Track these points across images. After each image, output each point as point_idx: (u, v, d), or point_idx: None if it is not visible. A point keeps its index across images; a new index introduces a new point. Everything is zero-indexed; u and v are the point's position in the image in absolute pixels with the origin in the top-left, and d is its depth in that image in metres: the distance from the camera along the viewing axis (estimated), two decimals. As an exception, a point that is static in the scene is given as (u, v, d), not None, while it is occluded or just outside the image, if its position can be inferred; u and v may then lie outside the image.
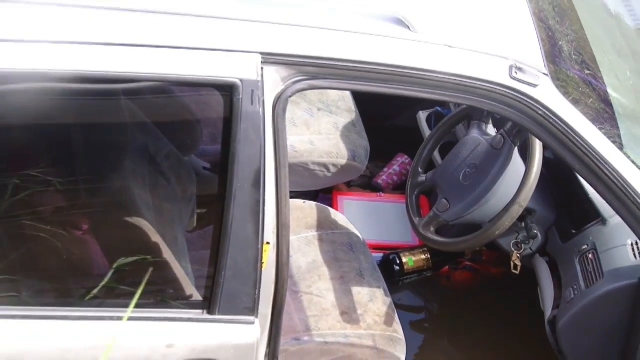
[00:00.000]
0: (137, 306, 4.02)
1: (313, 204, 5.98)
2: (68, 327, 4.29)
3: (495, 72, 4.40)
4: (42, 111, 4.28)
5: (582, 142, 4.57)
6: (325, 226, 5.89)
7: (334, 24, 4.33)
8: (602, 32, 5.60)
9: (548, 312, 5.58)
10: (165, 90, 4.44)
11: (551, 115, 4.53)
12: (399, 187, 6.49)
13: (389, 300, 5.61)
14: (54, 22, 4.02)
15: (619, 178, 4.66)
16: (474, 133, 5.75)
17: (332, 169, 6.25)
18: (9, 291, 4.37)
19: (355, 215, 6.13)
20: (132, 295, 4.03)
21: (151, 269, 4.41)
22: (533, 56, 4.64)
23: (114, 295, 4.44)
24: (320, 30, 4.29)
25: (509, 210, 5.28)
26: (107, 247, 4.58)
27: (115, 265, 4.39)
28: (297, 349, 5.30)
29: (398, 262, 6.09)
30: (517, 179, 5.30)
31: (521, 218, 5.42)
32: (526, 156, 5.33)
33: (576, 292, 5.39)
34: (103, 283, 4.33)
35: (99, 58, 4.06)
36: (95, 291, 4.32)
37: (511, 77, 4.42)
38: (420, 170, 5.90)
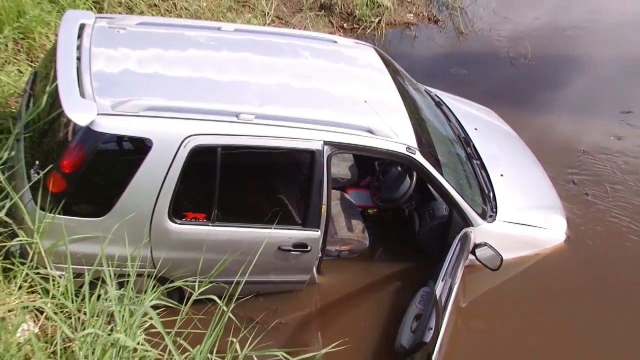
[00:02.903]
0: (279, 224, 4.68)
1: (339, 192, 5.87)
2: (257, 230, 4.71)
3: (401, 149, 4.88)
4: (261, 162, 4.85)
5: (430, 173, 5.03)
6: (342, 199, 5.83)
7: (346, 131, 4.74)
8: (435, 136, 5.50)
9: (417, 229, 5.74)
10: (292, 153, 4.70)
11: (420, 164, 4.97)
12: (367, 187, 6.15)
13: (363, 225, 5.67)
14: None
15: (441, 184, 5.09)
16: (394, 169, 5.90)
17: (345, 180, 6.02)
18: (237, 217, 4.71)
19: (352, 196, 5.96)
20: (278, 220, 4.67)
21: (282, 212, 4.79)
22: (413, 143, 4.96)
23: (271, 221, 4.67)
24: (342, 134, 4.71)
25: (405, 195, 5.62)
26: (269, 204, 4.87)
27: (272, 210, 4.75)
28: (332, 241, 5.40)
29: (367, 212, 6.00)
30: (407, 186, 5.64)
31: (408, 198, 5.68)
32: (411, 177, 5.65)
33: (426, 223, 5.65)
34: (267, 217, 4.71)
35: (279, 144, 4.56)
36: (265, 219, 4.71)
37: (406, 150, 4.89)
38: (375, 181, 6.04)
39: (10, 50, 5.73)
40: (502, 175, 5.84)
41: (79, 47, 4.62)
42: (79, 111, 4.18)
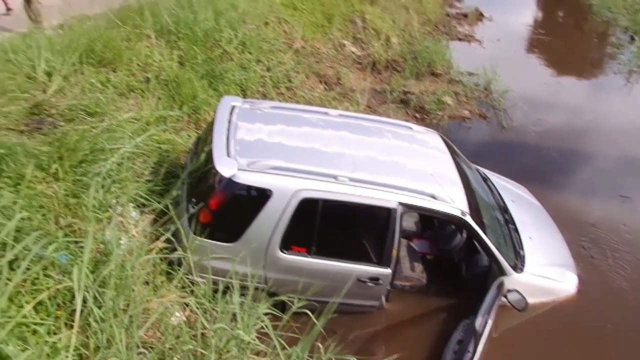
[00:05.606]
0: (359, 261, 4.47)
1: (405, 240, 5.42)
2: (343, 264, 4.58)
3: (456, 212, 4.66)
4: (350, 213, 4.63)
5: (477, 232, 4.73)
6: (408, 246, 5.43)
7: (416, 196, 4.53)
8: (482, 204, 5.11)
9: (463, 274, 5.43)
10: (374, 208, 4.50)
11: (470, 225, 4.74)
12: (427, 238, 5.64)
13: (422, 267, 5.33)
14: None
15: (484, 241, 4.76)
16: (448, 226, 5.42)
17: (411, 231, 5.57)
18: (329, 253, 4.58)
19: (416, 244, 5.57)
20: (359, 258, 4.46)
21: (363, 252, 4.62)
22: (466, 208, 4.73)
23: (354, 258, 4.56)
24: (412, 197, 4.48)
25: (457, 247, 5.27)
26: (354, 245, 4.71)
27: (355, 250, 4.66)
28: (398, 277, 5.03)
29: (426, 257, 5.47)
30: (459, 240, 5.26)
31: (459, 250, 5.33)
32: (462, 234, 5.26)
33: (471, 270, 5.35)
34: (352, 255, 4.60)
35: (365, 201, 4.38)
36: (350, 256, 4.56)
37: (460, 214, 4.58)
38: (434, 235, 5.53)
39: (185, 121, 6.12)
40: (530, 237, 5.55)
41: (229, 121, 4.81)
42: (225, 166, 4.33)
